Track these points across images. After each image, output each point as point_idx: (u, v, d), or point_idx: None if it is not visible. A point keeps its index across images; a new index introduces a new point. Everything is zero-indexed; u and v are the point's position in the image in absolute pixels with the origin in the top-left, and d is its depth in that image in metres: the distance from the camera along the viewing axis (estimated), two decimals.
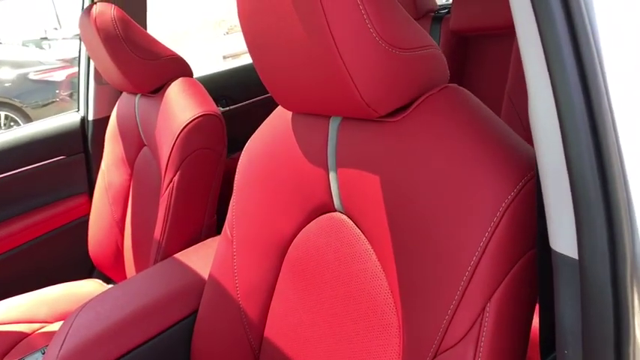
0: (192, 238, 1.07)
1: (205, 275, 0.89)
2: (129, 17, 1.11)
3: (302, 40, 0.53)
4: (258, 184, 0.75)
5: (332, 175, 0.64)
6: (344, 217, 0.66)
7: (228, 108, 1.75)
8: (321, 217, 0.69)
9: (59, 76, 5.56)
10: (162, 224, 1.04)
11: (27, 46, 7.80)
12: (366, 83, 0.53)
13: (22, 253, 1.42)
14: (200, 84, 1.13)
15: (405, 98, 0.55)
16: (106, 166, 1.38)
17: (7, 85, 5.42)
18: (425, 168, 0.53)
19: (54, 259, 1.48)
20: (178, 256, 0.97)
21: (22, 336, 1.23)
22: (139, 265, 1.27)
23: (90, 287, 1.40)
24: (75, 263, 1.51)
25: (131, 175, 1.32)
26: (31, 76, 5.49)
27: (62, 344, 0.77)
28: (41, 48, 7.94)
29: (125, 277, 1.37)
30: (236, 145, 1.72)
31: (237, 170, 0.81)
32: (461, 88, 0.57)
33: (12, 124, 5.36)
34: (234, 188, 0.81)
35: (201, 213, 1.07)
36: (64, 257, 1.49)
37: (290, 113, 0.72)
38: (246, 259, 0.78)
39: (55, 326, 1.27)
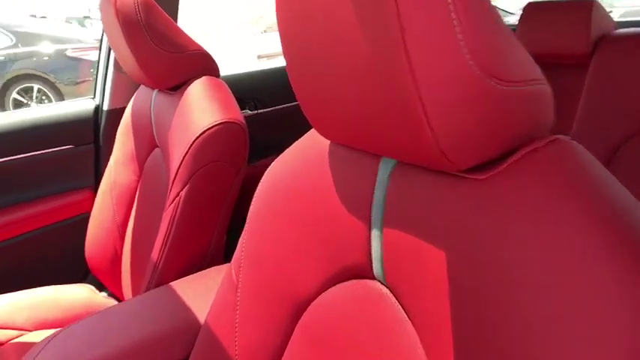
0: (196, 261, 0.92)
1: (201, 318, 0.74)
2: (155, 3, 0.97)
3: (360, 54, 0.37)
4: (277, 222, 0.60)
5: (375, 234, 0.48)
6: (383, 288, 0.49)
7: (256, 112, 1.60)
8: (352, 281, 0.53)
9: (96, 55, 5.55)
10: (163, 241, 0.89)
11: (70, 23, 7.87)
12: (446, 123, 0.36)
13: (13, 247, 1.30)
14: (225, 85, 0.98)
15: (496, 150, 0.39)
16: (115, 162, 1.24)
17: (44, 59, 5.43)
18: (517, 254, 0.36)
19: (47, 256, 1.35)
20: (175, 285, 0.82)
21: None
22: (135, 278, 1.13)
23: (80, 294, 1.27)
24: (69, 263, 1.39)
25: (140, 176, 1.18)
26: (69, 53, 5.49)
27: None
28: (83, 26, 8.00)
29: (120, 287, 1.24)
30: (260, 152, 1.58)
31: (254, 197, 0.66)
32: (574, 142, 0.40)
33: (44, 98, 5.35)
34: (247, 220, 0.65)
35: (209, 234, 0.92)
36: (58, 256, 1.37)
37: (327, 141, 0.56)
38: (252, 311, 0.62)
39: (33, 336, 1.14)
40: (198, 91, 0.95)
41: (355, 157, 0.51)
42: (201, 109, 0.92)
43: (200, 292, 0.79)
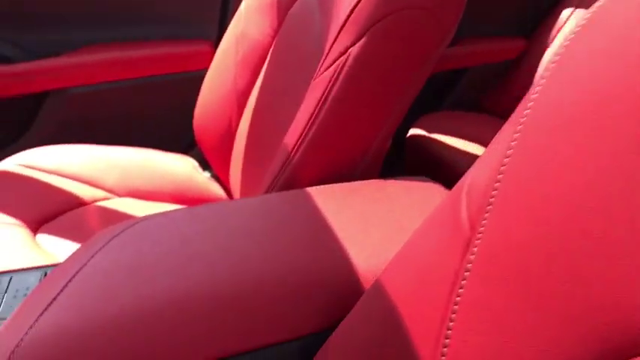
0: (344, 165, 0.60)
1: (359, 260, 0.43)
2: None
3: None
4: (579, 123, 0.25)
5: None
6: None
7: None
8: None
9: None
10: (304, 126, 0.58)
11: None
12: None
13: (110, 93, 1.07)
14: None
15: None
16: (246, 8, 0.93)
17: None
18: None
19: (149, 113, 1.11)
20: (315, 193, 0.52)
21: (78, 202, 0.90)
22: (250, 167, 0.85)
23: (180, 167, 1.03)
24: (174, 128, 1.15)
25: (277, 30, 0.86)
26: None
27: (44, 311, 0.37)
28: None
29: (227, 171, 0.98)
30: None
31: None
32: None
33: None
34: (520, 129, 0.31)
35: (376, 126, 0.59)
36: (163, 116, 1.13)
37: None
38: (496, 305, 0.29)
39: (121, 203, 0.92)
40: None
41: None
42: None
43: (358, 213, 0.48)
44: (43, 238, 0.81)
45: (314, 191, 0.52)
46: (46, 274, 0.54)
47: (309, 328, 0.39)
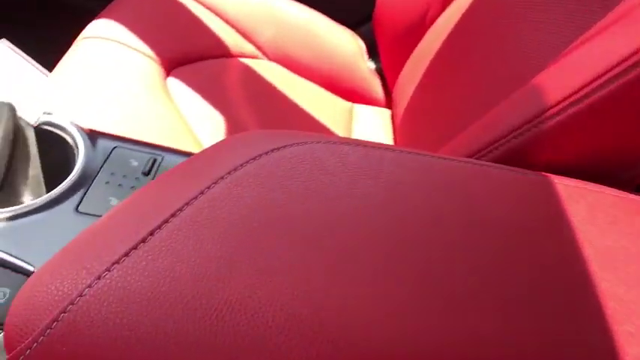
0: (606, 163, 0.37)
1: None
2: None
3: None
4: None
5: None
6: None
7: None
8: None
9: None
10: (579, 87, 0.35)
11: None
12: None
13: None
14: None
15: None
16: None
17: None
18: None
19: None
20: (569, 193, 0.31)
21: (222, 51, 0.76)
22: (430, 101, 0.64)
23: (343, 47, 0.83)
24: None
25: None
26: None
27: (126, 254, 0.24)
28: None
29: (395, 75, 0.77)
30: None
31: None
32: None
33: None
34: None
35: None
36: None
37: None
38: None
39: (264, 66, 0.77)
40: None
41: None
42: None
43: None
44: (173, 82, 0.69)
45: (566, 187, 0.31)
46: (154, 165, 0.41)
47: None
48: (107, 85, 0.62)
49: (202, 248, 0.26)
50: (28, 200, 0.42)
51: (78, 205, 0.36)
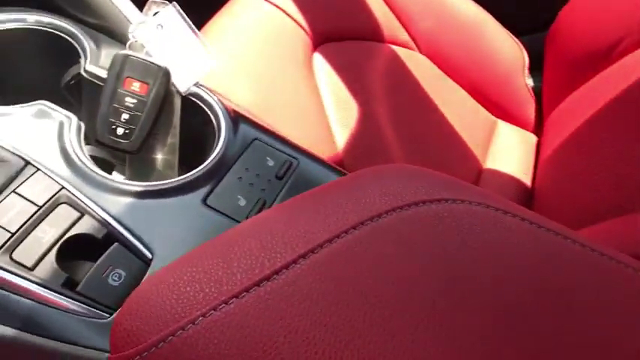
0: None
1: None
2: None
3: None
4: None
5: None
6: None
7: None
8: None
9: None
10: None
11: None
12: None
13: None
14: None
15: None
16: None
17: None
18: None
19: None
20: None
21: (375, 34, 0.71)
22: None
23: (505, 52, 0.75)
24: None
25: None
26: None
27: (249, 287, 0.22)
28: None
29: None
30: None
31: None
32: None
33: None
34: None
35: None
36: None
37: None
38: None
39: (414, 59, 0.70)
40: None
41: None
42: None
43: None
44: (318, 59, 0.65)
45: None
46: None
47: None
48: (257, 55, 0.60)
49: (324, 306, 0.23)
50: (159, 167, 0.42)
51: (206, 197, 0.34)
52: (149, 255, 0.31)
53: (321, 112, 0.62)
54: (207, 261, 0.26)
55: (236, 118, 0.39)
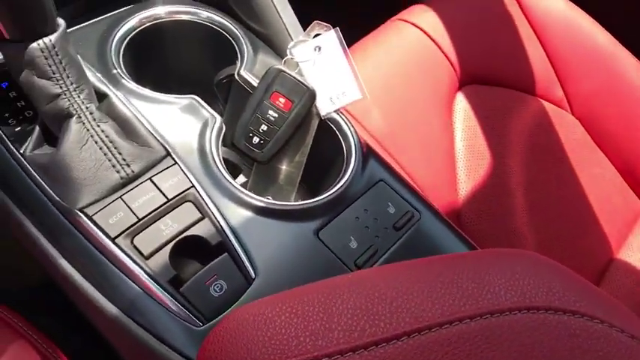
0: None
1: None
2: None
3: None
4: None
5: None
6: None
7: None
8: None
9: None
10: None
11: None
12: None
13: None
14: None
15: None
16: None
17: None
18: None
19: None
20: None
21: (529, 89, 0.66)
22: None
23: None
24: None
25: None
26: None
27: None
28: None
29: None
30: None
31: None
32: None
33: None
34: None
35: None
36: None
37: None
38: None
39: (563, 119, 0.64)
40: None
41: None
42: None
43: None
44: (460, 98, 0.62)
45: None
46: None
47: None
48: (400, 82, 0.59)
49: None
50: (281, 180, 0.42)
51: (320, 229, 0.34)
52: (253, 274, 0.31)
53: (451, 154, 0.59)
54: (308, 307, 0.25)
55: (367, 154, 0.38)
